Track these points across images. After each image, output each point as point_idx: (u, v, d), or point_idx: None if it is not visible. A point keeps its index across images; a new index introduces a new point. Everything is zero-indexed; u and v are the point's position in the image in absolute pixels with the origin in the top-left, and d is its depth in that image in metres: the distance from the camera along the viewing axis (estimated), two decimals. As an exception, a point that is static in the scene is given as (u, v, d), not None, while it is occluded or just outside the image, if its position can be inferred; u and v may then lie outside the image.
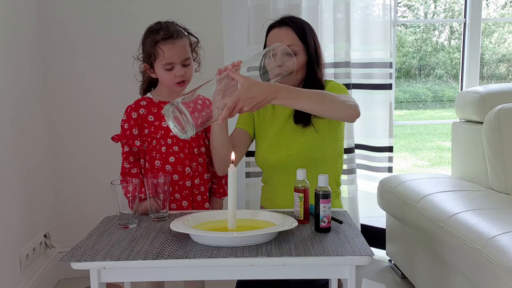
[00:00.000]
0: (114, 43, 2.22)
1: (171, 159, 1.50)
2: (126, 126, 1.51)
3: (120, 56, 2.22)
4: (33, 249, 2.03)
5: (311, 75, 1.52)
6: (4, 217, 1.81)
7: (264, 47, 1.54)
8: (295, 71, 1.47)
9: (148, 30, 1.51)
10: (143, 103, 1.53)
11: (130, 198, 1.24)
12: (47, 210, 2.23)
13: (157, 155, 1.50)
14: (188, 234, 1.12)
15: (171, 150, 1.50)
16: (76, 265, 1.01)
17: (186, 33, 1.52)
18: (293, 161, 1.50)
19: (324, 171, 1.49)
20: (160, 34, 1.45)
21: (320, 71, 1.54)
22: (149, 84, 1.59)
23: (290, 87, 1.28)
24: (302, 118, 1.48)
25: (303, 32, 1.50)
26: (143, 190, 1.38)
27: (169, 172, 1.49)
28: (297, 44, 1.48)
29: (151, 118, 1.51)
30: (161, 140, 1.50)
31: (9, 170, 1.85)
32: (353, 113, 1.35)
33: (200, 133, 1.55)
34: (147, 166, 1.52)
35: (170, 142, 1.50)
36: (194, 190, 1.54)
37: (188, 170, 1.51)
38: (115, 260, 1.01)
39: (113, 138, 1.53)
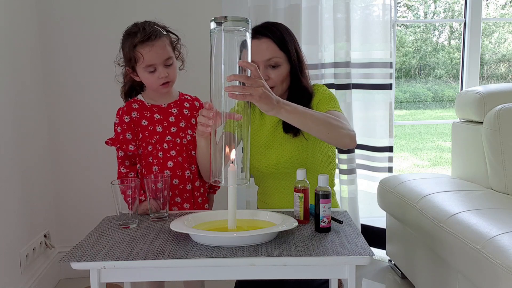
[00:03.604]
0: (114, 44, 2.21)
1: (169, 163, 1.47)
2: (119, 129, 1.48)
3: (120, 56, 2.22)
4: (33, 249, 2.03)
5: (296, 84, 1.49)
6: (4, 217, 1.81)
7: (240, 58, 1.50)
8: (280, 81, 1.46)
9: (126, 33, 1.47)
10: (135, 106, 1.50)
11: (130, 201, 1.24)
12: (47, 210, 2.23)
13: (154, 161, 1.47)
14: (188, 234, 1.12)
15: (168, 155, 1.47)
16: (76, 265, 1.01)
17: (165, 32, 1.47)
18: (284, 168, 1.48)
19: (317, 176, 1.48)
20: (138, 37, 1.42)
21: (305, 78, 1.50)
22: (131, 86, 1.56)
23: (296, 105, 1.25)
24: (291, 127, 1.44)
25: (283, 41, 1.45)
26: (142, 192, 1.37)
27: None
28: (279, 56, 1.44)
29: (144, 122, 1.48)
30: (157, 145, 1.48)
31: (9, 170, 1.85)
32: (351, 143, 1.34)
33: (195, 134, 1.54)
34: (144, 171, 1.49)
35: (166, 147, 1.48)
36: (195, 193, 1.52)
37: (188, 173, 1.49)
38: (115, 260, 1.01)
39: (106, 142, 1.50)
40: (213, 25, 1.12)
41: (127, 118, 1.48)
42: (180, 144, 1.49)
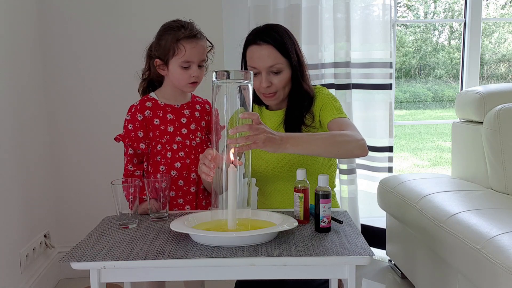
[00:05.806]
0: (114, 43, 2.22)
1: (177, 164, 1.47)
2: (130, 127, 1.48)
3: (120, 56, 2.22)
4: (33, 249, 2.03)
5: (297, 88, 1.49)
6: (4, 217, 1.81)
7: (242, 61, 1.51)
8: (282, 86, 1.46)
9: (168, 26, 1.47)
10: (149, 104, 1.49)
11: (131, 199, 1.24)
12: (47, 210, 2.23)
13: (162, 160, 1.47)
14: (188, 234, 1.12)
15: (177, 156, 1.48)
16: (76, 265, 1.01)
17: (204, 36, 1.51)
18: (284, 172, 1.48)
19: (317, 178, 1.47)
20: (183, 32, 1.44)
21: (306, 82, 1.50)
22: (149, 84, 1.56)
23: (300, 134, 1.27)
24: (293, 129, 1.45)
25: (284, 46, 1.44)
26: (143, 192, 1.37)
27: (174, 177, 1.47)
28: (281, 62, 1.43)
29: (156, 121, 1.48)
30: (166, 145, 1.48)
31: (9, 170, 1.85)
32: (363, 153, 1.34)
33: (203, 137, 1.54)
34: (150, 170, 1.49)
35: (176, 148, 1.48)
36: (200, 195, 1.53)
37: (193, 175, 1.49)
38: (115, 260, 1.01)
39: (116, 139, 1.50)
40: (214, 77, 1.13)
41: (140, 116, 1.47)
42: (189, 146, 1.49)
